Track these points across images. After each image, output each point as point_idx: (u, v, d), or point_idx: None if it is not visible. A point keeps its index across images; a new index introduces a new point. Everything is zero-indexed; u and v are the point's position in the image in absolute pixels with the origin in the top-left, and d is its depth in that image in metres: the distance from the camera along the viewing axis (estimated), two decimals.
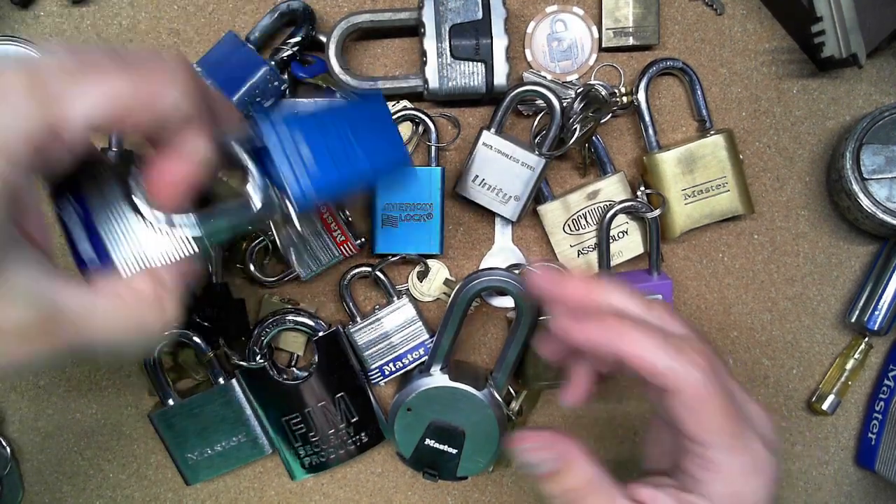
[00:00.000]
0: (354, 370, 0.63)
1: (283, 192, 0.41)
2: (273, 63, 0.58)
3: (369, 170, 0.44)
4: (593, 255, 0.62)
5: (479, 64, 0.58)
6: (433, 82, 0.58)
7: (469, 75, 0.58)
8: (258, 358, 0.62)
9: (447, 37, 0.58)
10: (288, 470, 0.66)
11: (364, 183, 0.45)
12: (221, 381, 0.63)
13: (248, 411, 0.63)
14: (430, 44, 0.58)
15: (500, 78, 0.59)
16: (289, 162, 0.40)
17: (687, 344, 0.39)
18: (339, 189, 0.43)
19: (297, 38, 0.59)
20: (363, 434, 0.65)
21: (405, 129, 0.61)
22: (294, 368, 0.65)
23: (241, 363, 0.63)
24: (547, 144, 0.59)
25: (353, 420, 0.64)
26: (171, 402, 0.63)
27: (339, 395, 0.64)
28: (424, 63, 0.58)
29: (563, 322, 0.41)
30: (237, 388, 0.63)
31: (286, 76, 0.59)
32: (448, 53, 0.58)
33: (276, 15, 0.59)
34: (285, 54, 0.58)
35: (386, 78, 0.60)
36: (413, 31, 0.60)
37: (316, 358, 0.63)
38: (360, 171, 0.44)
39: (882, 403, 0.66)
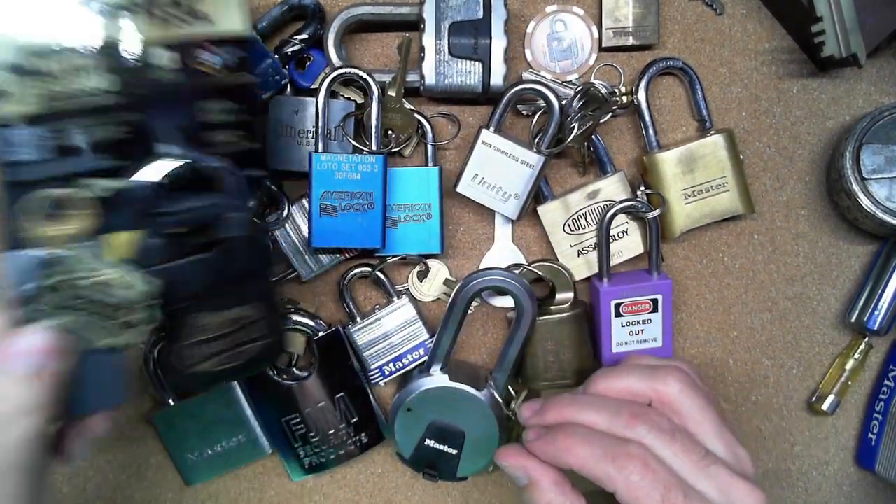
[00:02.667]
0: (354, 370, 0.63)
1: None
2: (276, 56, 0.58)
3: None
4: (593, 255, 0.62)
5: (477, 63, 0.58)
6: (430, 79, 0.58)
7: (466, 74, 0.58)
8: None
9: (446, 34, 0.58)
10: (287, 470, 0.65)
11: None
12: None
13: (249, 412, 0.63)
14: (428, 40, 0.58)
15: (496, 78, 0.59)
16: None
17: (625, 449, 0.46)
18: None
19: (305, 36, 0.59)
20: (363, 434, 0.64)
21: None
22: (294, 369, 0.65)
23: None
24: (546, 142, 0.59)
25: (352, 420, 0.64)
26: (171, 402, 0.63)
27: (339, 395, 0.63)
28: (422, 59, 0.58)
29: (529, 438, 0.50)
30: (237, 389, 0.63)
31: (286, 71, 0.59)
32: (446, 51, 0.58)
33: (285, 7, 0.59)
34: (290, 49, 0.58)
35: (383, 71, 0.59)
36: (413, 26, 0.60)
37: (316, 358, 0.63)
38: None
39: (882, 404, 0.65)
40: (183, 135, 0.46)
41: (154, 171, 0.45)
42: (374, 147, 0.58)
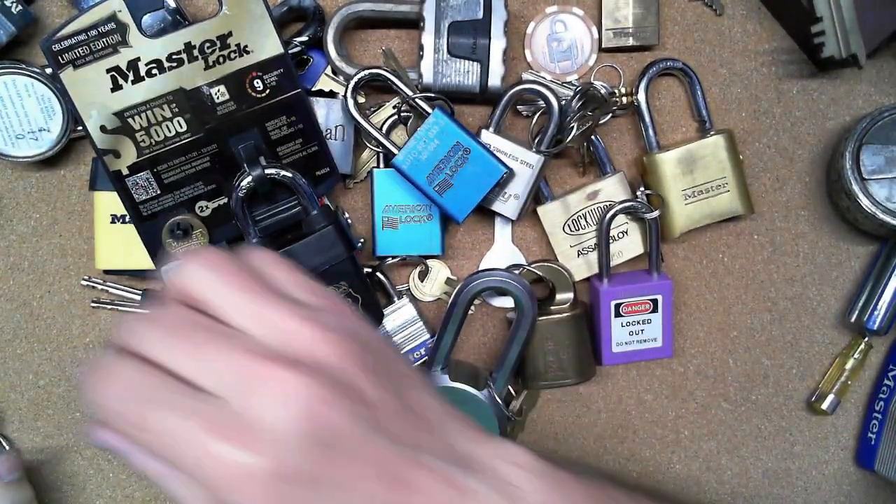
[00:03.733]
0: None
1: None
2: None
3: None
4: (593, 256, 0.63)
5: (475, 63, 0.58)
6: (427, 77, 0.58)
7: (464, 74, 0.58)
8: None
9: (445, 33, 0.58)
10: None
11: None
12: None
13: None
14: (427, 39, 0.58)
15: (494, 79, 0.59)
16: None
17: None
18: None
19: (305, 38, 0.59)
20: None
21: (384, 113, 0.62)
22: None
23: None
24: (545, 143, 0.59)
25: None
26: None
27: None
28: (420, 57, 0.58)
29: None
30: None
31: None
32: (445, 50, 0.58)
33: (285, 9, 0.59)
34: (291, 51, 0.58)
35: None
36: (413, 24, 0.60)
37: None
38: None
39: (882, 403, 0.66)
40: (260, 153, 0.56)
41: (244, 187, 0.55)
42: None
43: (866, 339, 0.65)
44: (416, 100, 0.58)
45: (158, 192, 0.56)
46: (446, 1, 0.58)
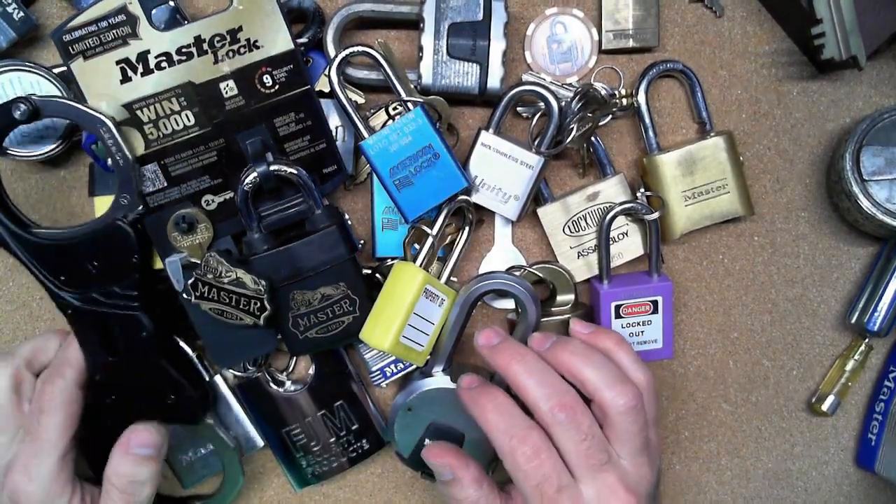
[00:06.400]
0: (351, 376, 0.63)
1: None
2: None
3: None
4: (593, 257, 0.63)
5: (475, 65, 0.58)
6: (427, 78, 0.58)
7: (463, 75, 0.58)
8: (251, 367, 0.63)
9: (445, 34, 0.58)
10: (290, 481, 0.65)
11: None
12: (206, 378, 0.63)
13: (237, 407, 0.63)
14: (427, 40, 0.58)
15: (493, 81, 0.59)
16: None
17: (527, 433, 0.50)
18: None
19: (305, 39, 0.59)
20: (364, 441, 0.64)
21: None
22: (289, 381, 0.64)
23: (237, 373, 0.63)
24: (545, 144, 0.59)
25: (353, 428, 0.64)
26: None
27: (338, 403, 0.64)
28: (420, 58, 0.58)
29: (462, 384, 0.55)
30: (222, 384, 0.63)
31: None
32: (444, 51, 0.58)
33: (285, 10, 0.59)
34: None
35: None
36: (413, 24, 0.60)
37: (313, 367, 0.63)
38: None
39: (882, 404, 0.66)
40: (267, 149, 0.56)
41: (249, 182, 0.54)
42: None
43: (867, 340, 0.66)
44: (407, 94, 0.57)
45: (165, 184, 0.56)
46: (446, 2, 0.58)
